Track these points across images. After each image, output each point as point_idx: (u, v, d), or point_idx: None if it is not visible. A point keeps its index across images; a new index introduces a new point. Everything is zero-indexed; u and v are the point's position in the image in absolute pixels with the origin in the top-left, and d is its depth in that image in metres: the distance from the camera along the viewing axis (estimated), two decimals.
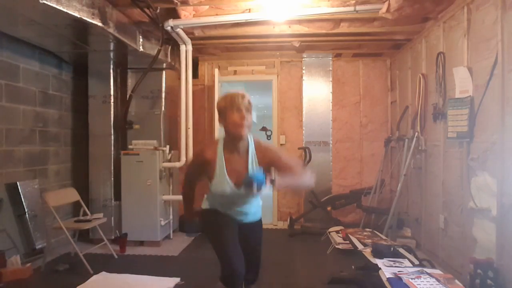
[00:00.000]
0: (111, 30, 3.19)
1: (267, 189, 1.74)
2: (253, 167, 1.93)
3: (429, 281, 2.29)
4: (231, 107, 1.86)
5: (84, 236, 4.15)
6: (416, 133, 3.78)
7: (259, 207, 2.20)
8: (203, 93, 5.27)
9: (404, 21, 3.58)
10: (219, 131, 4.85)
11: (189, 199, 2.26)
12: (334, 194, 4.93)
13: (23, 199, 3.47)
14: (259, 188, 1.70)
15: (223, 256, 1.93)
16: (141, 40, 3.82)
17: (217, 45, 4.69)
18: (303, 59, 5.12)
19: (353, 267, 3.12)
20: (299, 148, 5.01)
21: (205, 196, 2.17)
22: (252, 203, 2.09)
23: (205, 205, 2.17)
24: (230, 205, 2.05)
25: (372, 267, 2.72)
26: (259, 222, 2.20)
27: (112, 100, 4.22)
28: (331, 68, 5.13)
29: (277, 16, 3.59)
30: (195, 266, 3.50)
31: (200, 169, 2.04)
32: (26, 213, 3.48)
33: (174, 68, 4.57)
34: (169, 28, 3.68)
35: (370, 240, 3.38)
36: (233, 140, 1.92)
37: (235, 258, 1.90)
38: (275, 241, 4.27)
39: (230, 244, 1.95)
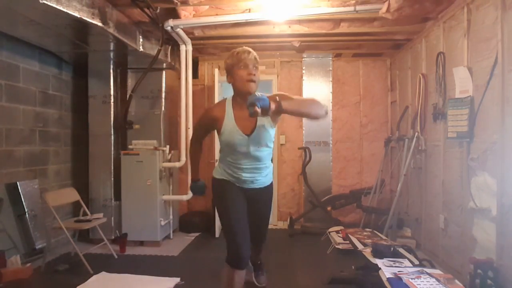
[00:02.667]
0: (111, 30, 3.19)
1: (273, 107, 1.70)
2: (264, 121, 1.98)
3: (429, 281, 2.29)
4: (237, 64, 1.92)
5: (84, 236, 4.16)
6: (416, 133, 3.78)
7: (270, 171, 2.24)
8: (203, 93, 5.27)
9: (404, 21, 3.58)
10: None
11: (196, 158, 2.34)
12: (334, 194, 4.92)
13: (23, 199, 3.47)
14: (264, 110, 1.66)
15: (229, 237, 2.01)
16: (141, 40, 3.82)
17: (217, 45, 4.69)
18: (303, 59, 5.12)
19: (353, 267, 3.12)
20: (299, 148, 5.02)
21: (217, 160, 2.30)
22: (264, 158, 2.10)
23: (216, 172, 2.23)
24: (242, 163, 2.06)
25: (372, 267, 2.72)
26: (269, 187, 2.26)
27: (112, 100, 4.22)
28: (331, 68, 5.13)
29: (277, 16, 3.59)
30: (195, 266, 3.50)
31: (207, 127, 2.15)
32: (26, 213, 3.48)
33: (174, 68, 4.57)
34: (169, 28, 3.68)
35: (370, 240, 3.39)
36: (242, 96, 1.95)
37: (241, 239, 1.97)
38: (275, 241, 4.27)
39: (236, 224, 2.01)
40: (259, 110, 1.64)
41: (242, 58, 1.91)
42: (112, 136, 4.22)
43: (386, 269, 2.51)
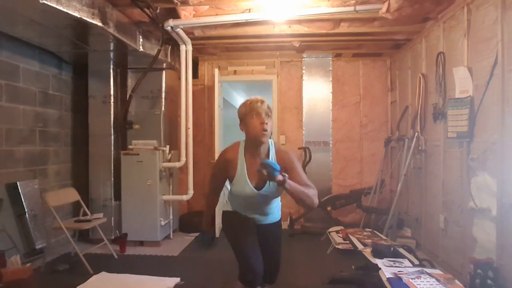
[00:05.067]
0: (111, 30, 3.19)
1: (278, 180, 1.76)
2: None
3: (429, 281, 2.29)
4: (250, 113, 1.91)
5: (84, 236, 4.16)
6: (416, 133, 3.78)
7: (279, 209, 2.24)
8: (203, 93, 5.27)
9: (404, 21, 3.58)
10: (218, 139, 4.84)
11: (211, 209, 2.35)
12: (334, 194, 4.92)
13: (23, 199, 3.46)
14: (270, 176, 1.74)
15: (241, 257, 2.01)
16: (141, 40, 3.82)
17: (217, 45, 4.69)
18: (303, 59, 5.12)
19: (353, 267, 3.12)
20: (299, 148, 5.01)
21: (226, 199, 2.23)
22: (272, 204, 2.13)
23: (226, 207, 2.22)
24: (250, 206, 2.09)
25: (372, 267, 2.72)
26: (278, 223, 2.23)
27: (112, 100, 4.22)
28: (331, 68, 5.13)
29: (277, 16, 3.59)
30: (195, 266, 3.50)
31: (223, 172, 2.07)
32: (26, 213, 3.47)
33: (174, 68, 4.57)
34: (169, 28, 3.68)
35: (370, 240, 3.38)
36: (254, 145, 1.97)
37: (253, 258, 1.96)
38: None
39: (248, 245, 2.01)
40: (266, 174, 1.74)
41: (255, 107, 1.91)
42: (112, 136, 4.21)
43: (386, 269, 2.51)
